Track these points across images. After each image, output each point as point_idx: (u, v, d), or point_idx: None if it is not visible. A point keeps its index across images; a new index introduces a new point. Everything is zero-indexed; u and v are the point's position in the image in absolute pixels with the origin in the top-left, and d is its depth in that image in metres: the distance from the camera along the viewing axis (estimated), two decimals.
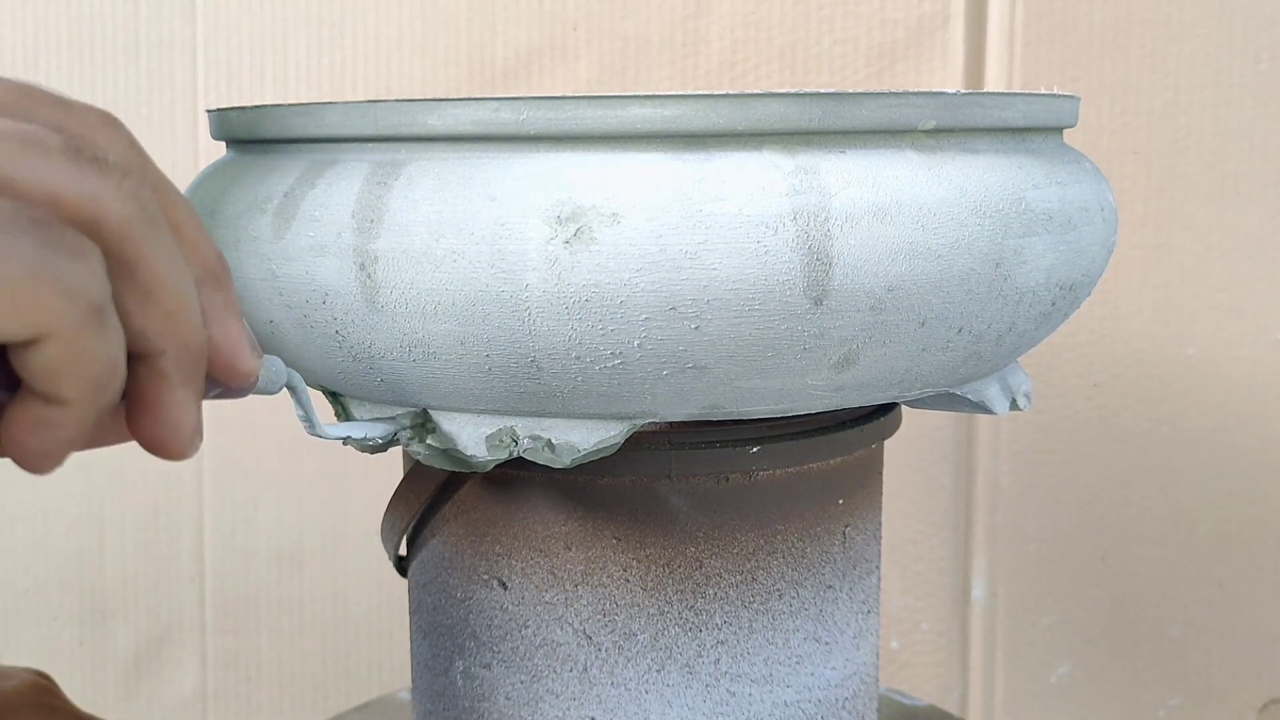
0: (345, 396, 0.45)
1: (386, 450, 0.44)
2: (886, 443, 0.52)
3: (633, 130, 0.38)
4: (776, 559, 0.47)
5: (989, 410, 0.47)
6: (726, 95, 0.38)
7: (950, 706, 0.92)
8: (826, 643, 0.48)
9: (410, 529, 0.50)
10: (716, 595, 0.46)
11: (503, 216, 0.37)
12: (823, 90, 0.39)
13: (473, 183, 0.38)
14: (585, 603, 0.46)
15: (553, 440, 0.41)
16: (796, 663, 0.47)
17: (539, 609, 0.46)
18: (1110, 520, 0.89)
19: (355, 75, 0.86)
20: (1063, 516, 0.90)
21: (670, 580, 0.46)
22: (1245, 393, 0.86)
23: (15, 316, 0.27)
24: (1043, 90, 0.48)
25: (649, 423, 0.41)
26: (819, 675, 0.48)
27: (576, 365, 0.39)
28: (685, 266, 0.37)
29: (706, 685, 0.46)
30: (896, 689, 0.71)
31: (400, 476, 0.50)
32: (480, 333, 0.38)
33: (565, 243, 0.37)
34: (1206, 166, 0.85)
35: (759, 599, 0.46)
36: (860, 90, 0.44)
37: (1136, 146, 0.85)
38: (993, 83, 0.85)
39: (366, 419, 0.43)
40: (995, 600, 0.91)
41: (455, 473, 0.46)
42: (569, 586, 0.46)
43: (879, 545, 0.51)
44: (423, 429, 0.43)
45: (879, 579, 0.52)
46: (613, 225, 0.37)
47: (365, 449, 0.43)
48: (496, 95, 0.44)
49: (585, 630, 0.46)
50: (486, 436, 0.42)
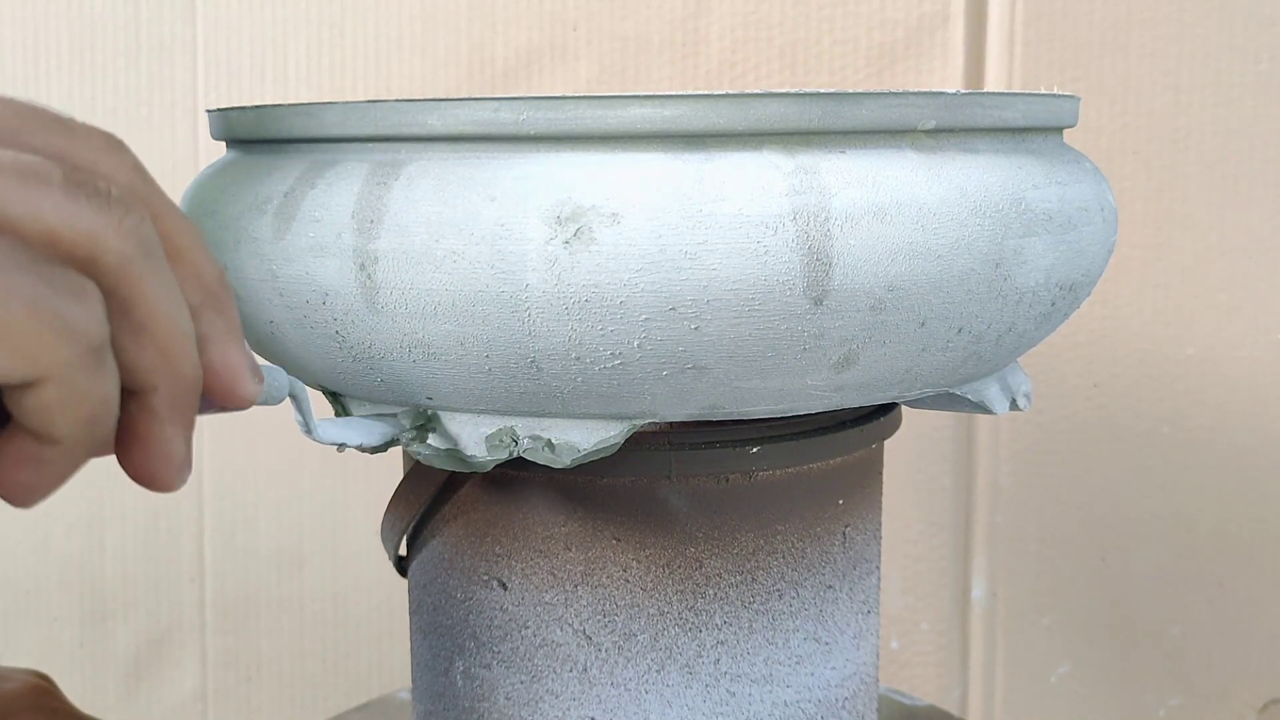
0: (345, 396, 0.45)
1: (386, 450, 0.44)
2: (886, 443, 0.52)
3: (633, 130, 0.38)
4: (776, 559, 0.47)
5: (989, 410, 0.47)
6: (726, 95, 0.37)
7: (950, 706, 0.92)
8: (826, 643, 0.48)
9: (410, 529, 0.50)
10: (716, 595, 0.46)
11: (503, 217, 0.37)
12: (823, 90, 0.39)
13: (473, 183, 0.38)
14: (585, 603, 0.46)
15: (553, 440, 0.41)
16: (796, 663, 0.47)
17: (539, 609, 0.46)
18: (1110, 520, 0.89)
19: (355, 75, 0.86)
20: (1063, 516, 0.89)
21: (670, 580, 0.46)
22: (1245, 393, 0.86)
23: (13, 358, 0.26)
24: (1043, 90, 0.48)
25: (649, 423, 0.41)
26: (819, 675, 0.48)
27: (576, 365, 0.39)
28: (685, 267, 0.37)
29: (706, 685, 0.46)
30: (896, 689, 0.71)
31: (400, 476, 0.50)
32: (480, 333, 0.38)
33: (565, 243, 0.37)
34: (1206, 166, 0.85)
35: (759, 599, 0.46)
36: (860, 90, 0.44)
37: (1136, 146, 0.85)
38: (993, 83, 0.85)
39: (367, 415, 0.43)
40: (995, 600, 0.91)
41: (455, 473, 0.46)
42: (569, 587, 0.46)
43: (879, 545, 0.51)
44: (423, 429, 0.43)
45: (879, 579, 0.52)
46: (613, 225, 0.37)
47: (365, 449, 0.43)
48: (496, 95, 0.44)
49: (585, 630, 0.46)
50: (486, 436, 0.42)
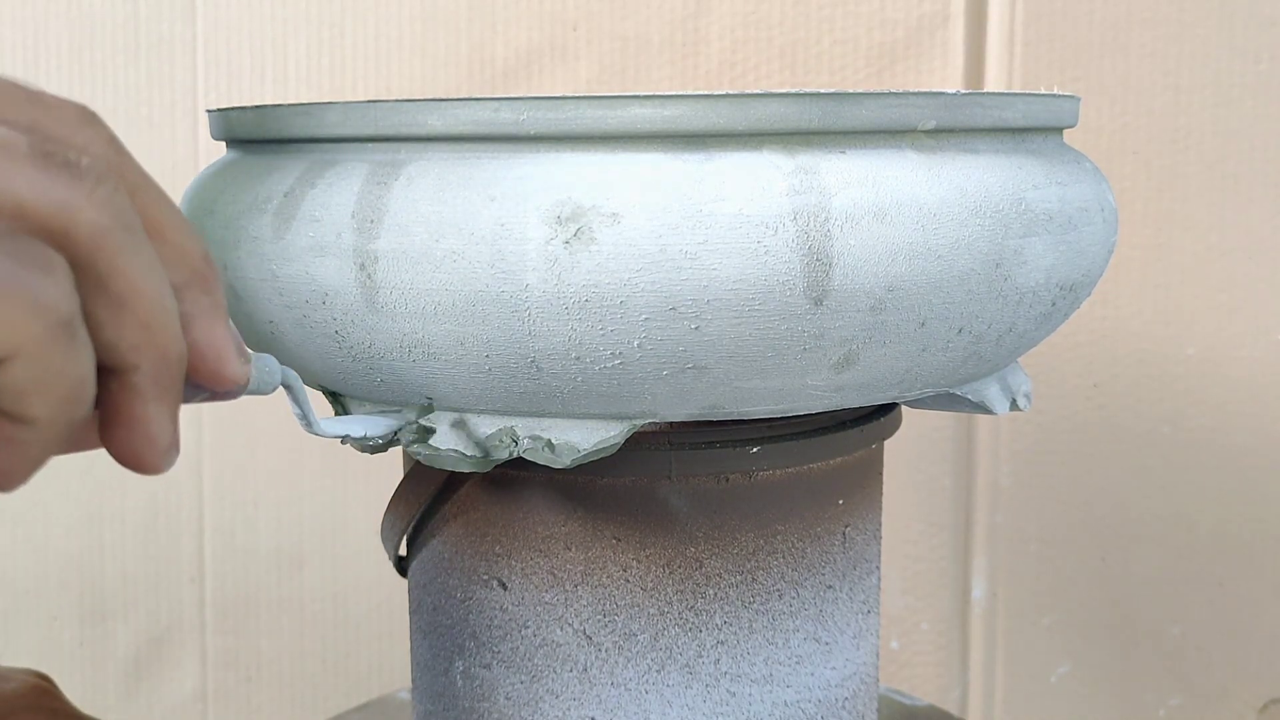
0: (345, 396, 0.45)
1: (386, 450, 0.44)
2: (886, 443, 0.52)
3: (633, 130, 0.38)
4: (776, 559, 0.47)
5: (989, 410, 0.47)
6: (726, 95, 0.37)
7: (950, 706, 0.92)
8: (826, 643, 0.48)
9: (410, 529, 0.50)
10: (716, 595, 0.46)
11: (503, 216, 0.37)
12: (823, 90, 0.39)
13: (473, 183, 0.38)
14: (585, 603, 0.46)
15: (553, 440, 0.41)
16: (796, 663, 0.47)
17: (539, 609, 0.46)
18: (1110, 520, 0.89)
19: (355, 75, 0.86)
20: (1063, 516, 0.89)
21: (670, 580, 0.46)
22: (1245, 393, 0.86)
23: None
24: (1043, 90, 0.48)
25: (649, 423, 0.41)
26: (819, 675, 0.48)
27: (576, 365, 0.39)
28: (685, 266, 0.37)
29: (706, 685, 0.46)
30: (896, 689, 0.71)
31: (400, 476, 0.50)
32: (480, 333, 0.38)
33: (565, 243, 0.37)
34: (1206, 166, 0.85)
35: (759, 599, 0.46)
36: (860, 90, 0.44)
37: (1136, 146, 0.85)
38: (993, 83, 0.85)
39: (369, 413, 0.43)
40: (995, 600, 0.91)
41: (455, 473, 0.46)
42: (569, 587, 0.46)
43: (879, 545, 0.51)
44: (424, 429, 0.43)
45: (879, 579, 0.52)
46: (613, 225, 0.37)
47: (365, 449, 0.43)
48: (496, 95, 0.44)
49: (585, 630, 0.46)
50: (486, 436, 0.42)
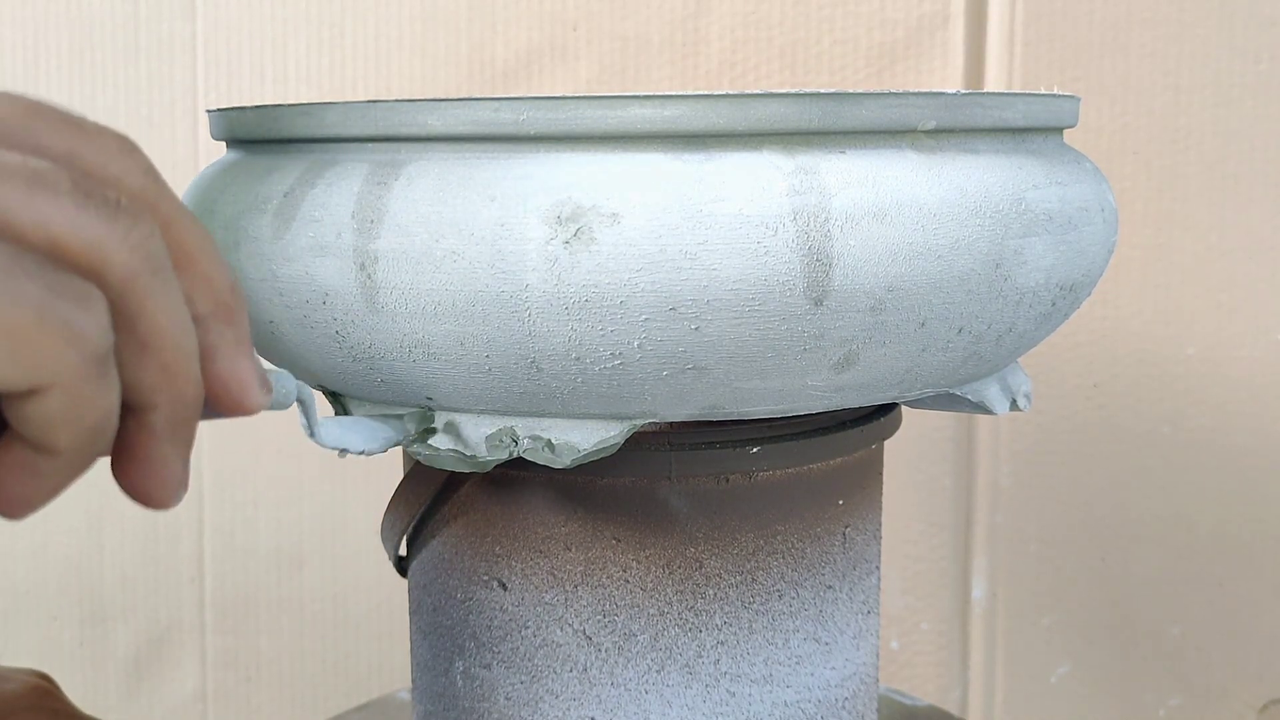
0: (345, 396, 0.45)
1: (385, 451, 0.44)
2: (886, 443, 0.52)
3: (633, 130, 0.38)
4: (776, 559, 0.47)
5: (989, 410, 0.47)
6: (726, 95, 0.37)
7: (950, 706, 0.92)
8: (826, 643, 0.48)
9: (410, 529, 0.50)
10: (716, 596, 0.46)
11: (503, 216, 0.37)
12: (823, 90, 0.39)
13: (473, 183, 0.38)
14: (585, 603, 0.46)
15: (553, 440, 0.41)
16: (796, 663, 0.47)
17: (539, 610, 0.46)
18: (1110, 520, 0.89)
19: (355, 75, 0.86)
20: (1063, 516, 0.89)
21: (670, 581, 0.46)
22: (1245, 393, 0.86)
23: (19, 364, 0.25)
24: (1043, 90, 0.48)
25: (649, 423, 0.41)
26: (819, 675, 0.48)
27: (576, 366, 0.39)
28: (685, 267, 0.37)
29: (706, 685, 0.46)
30: (896, 689, 0.71)
31: (400, 476, 0.50)
32: (480, 333, 0.38)
33: (565, 243, 0.37)
34: (1206, 166, 0.85)
35: (759, 599, 0.46)
36: (860, 90, 0.44)
37: (1136, 146, 0.85)
38: (993, 83, 0.85)
39: (372, 416, 0.43)
40: (995, 600, 0.91)
41: (455, 473, 0.46)
42: (569, 587, 0.46)
43: (879, 545, 0.51)
44: (424, 430, 0.43)
45: (879, 579, 0.52)
46: (613, 225, 0.37)
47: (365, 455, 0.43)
48: (496, 95, 0.44)
49: (585, 631, 0.46)
50: (486, 436, 0.42)
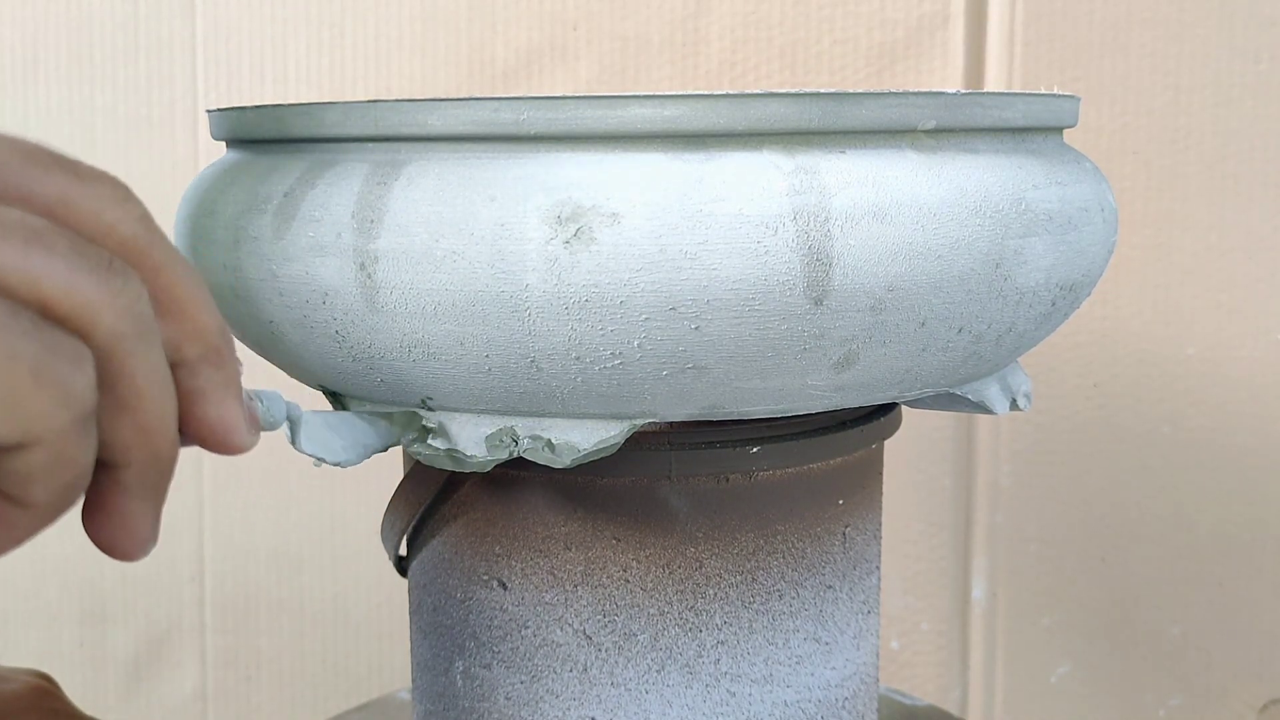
0: (345, 396, 0.45)
1: (386, 450, 0.44)
2: (886, 443, 0.52)
3: (633, 130, 0.38)
4: (776, 559, 0.47)
5: (989, 410, 0.47)
6: (726, 95, 0.37)
7: (950, 706, 0.92)
8: (826, 643, 0.48)
9: (410, 529, 0.50)
10: (716, 595, 0.46)
11: (503, 216, 0.37)
12: (823, 90, 0.39)
13: (473, 183, 0.38)
14: (585, 603, 0.46)
15: (553, 440, 0.41)
16: (796, 663, 0.47)
17: (539, 609, 0.46)
18: (1110, 520, 0.89)
19: (355, 75, 0.86)
20: (1063, 516, 0.89)
21: (670, 580, 0.46)
22: (1245, 393, 0.86)
23: (11, 419, 0.26)
24: (1043, 90, 0.48)
25: (649, 423, 0.41)
26: (819, 675, 0.48)
27: (576, 365, 0.39)
28: (685, 267, 0.37)
29: (706, 685, 0.46)
30: (896, 689, 0.71)
31: (400, 476, 0.50)
32: (480, 333, 0.38)
33: (565, 243, 0.37)
34: (1206, 166, 0.85)
35: (759, 599, 0.46)
36: (860, 90, 0.44)
37: (1136, 146, 0.85)
38: (993, 83, 0.85)
39: (361, 414, 0.43)
40: (995, 600, 0.91)
41: (455, 473, 0.46)
42: (569, 587, 0.46)
43: (879, 545, 0.51)
44: (423, 429, 0.43)
45: (879, 579, 0.52)
46: (613, 225, 0.37)
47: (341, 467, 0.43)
48: (496, 95, 0.44)
49: (585, 630, 0.46)
50: (486, 436, 0.42)
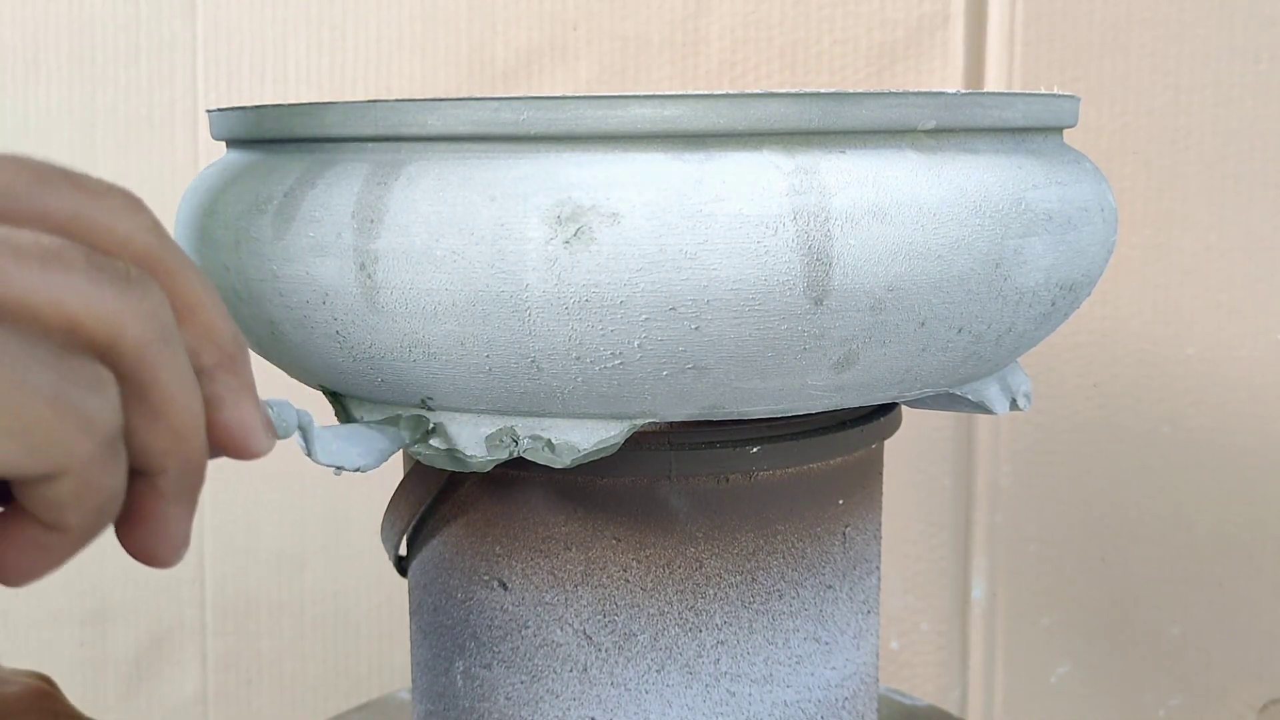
0: (345, 396, 0.45)
1: (400, 450, 0.44)
2: (886, 443, 0.52)
3: (633, 130, 0.38)
4: (776, 559, 0.47)
5: (989, 410, 0.47)
6: (726, 95, 0.37)
7: (950, 706, 0.92)
8: (826, 643, 0.48)
9: (410, 529, 0.50)
10: (716, 595, 0.46)
11: (503, 216, 0.37)
12: (823, 90, 0.39)
13: (473, 183, 0.38)
14: (585, 603, 0.46)
15: (553, 440, 0.41)
16: (796, 663, 0.47)
17: (539, 609, 0.46)
18: (1110, 520, 0.89)
19: (355, 75, 0.86)
20: (1063, 516, 0.89)
21: (670, 580, 0.46)
22: (1245, 393, 0.86)
23: (35, 454, 0.26)
24: (1043, 90, 0.48)
25: (649, 423, 0.41)
26: (819, 675, 0.48)
27: (576, 365, 0.39)
28: (685, 267, 0.37)
29: (706, 685, 0.46)
30: (896, 689, 0.71)
31: (400, 476, 0.50)
32: (480, 333, 0.38)
33: (565, 243, 0.37)
34: (1206, 166, 0.85)
35: (759, 599, 0.46)
36: (860, 90, 0.44)
37: (1136, 146, 0.85)
38: (993, 83, 0.85)
39: (370, 425, 0.43)
40: (995, 600, 0.91)
41: (455, 473, 0.46)
42: (569, 587, 0.46)
43: (879, 545, 0.51)
44: (424, 429, 0.43)
45: (879, 579, 0.52)
46: (613, 225, 0.37)
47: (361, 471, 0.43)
48: (496, 95, 0.44)
49: (585, 630, 0.46)
50: (486, 436, 0.42)
